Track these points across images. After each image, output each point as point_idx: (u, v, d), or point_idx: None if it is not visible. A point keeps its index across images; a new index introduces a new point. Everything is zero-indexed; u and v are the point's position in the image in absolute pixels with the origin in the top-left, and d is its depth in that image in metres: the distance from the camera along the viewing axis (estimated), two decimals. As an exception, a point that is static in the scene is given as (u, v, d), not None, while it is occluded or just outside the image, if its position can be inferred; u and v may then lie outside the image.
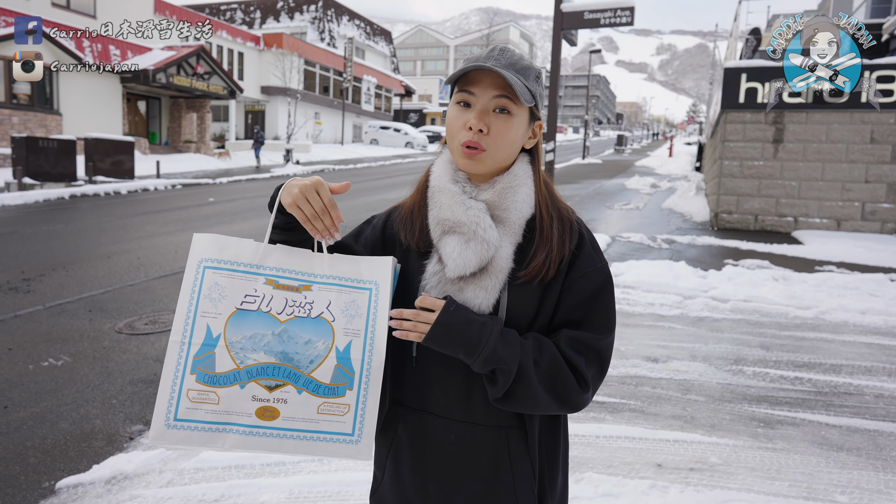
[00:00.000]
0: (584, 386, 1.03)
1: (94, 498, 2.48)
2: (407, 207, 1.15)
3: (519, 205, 1.06)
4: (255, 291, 1.02)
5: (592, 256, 1.08)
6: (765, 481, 2.63)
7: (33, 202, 11.44)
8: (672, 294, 5.69)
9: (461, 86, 1.05)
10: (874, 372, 3.98)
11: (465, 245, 1.03)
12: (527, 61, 1.07)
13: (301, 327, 1.01)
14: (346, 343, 1.01)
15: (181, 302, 1.02)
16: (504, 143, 1.04)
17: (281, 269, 1.04)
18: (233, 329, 1.00)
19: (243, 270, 1.03)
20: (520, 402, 1.01)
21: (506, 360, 0.98)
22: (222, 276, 1.02)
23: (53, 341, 4.28)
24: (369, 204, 12.26)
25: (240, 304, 1.01)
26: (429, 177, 1.14)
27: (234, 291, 1.02)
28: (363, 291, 1.04)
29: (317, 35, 36.41)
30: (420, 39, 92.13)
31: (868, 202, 9.25)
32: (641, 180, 18.12)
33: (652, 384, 3.70)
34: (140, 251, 7.30)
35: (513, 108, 1.03)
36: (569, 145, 43.82)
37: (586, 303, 1.05)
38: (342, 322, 1.02)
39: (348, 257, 1.06)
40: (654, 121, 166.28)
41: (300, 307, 1.02)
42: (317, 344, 1.01)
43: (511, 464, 1.07)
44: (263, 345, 1.00)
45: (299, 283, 1.03)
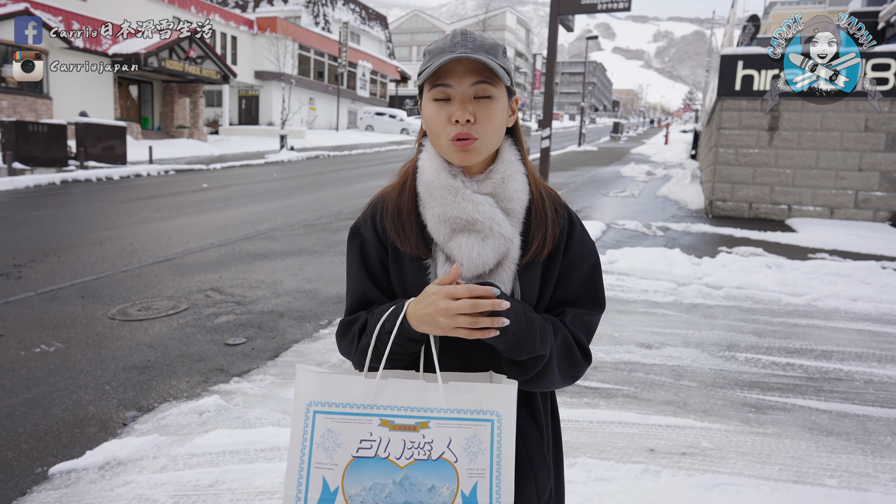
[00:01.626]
0: (587, 359, 1.09)
1: (88, 484, 2.48)
2: (392, 208, 1.08)
3: (520, 194, 1.06)
4: (371, 435, 0.93)
5: (584, 237, 1.12)
6: (755, 465, 2.66)
7: (24, 187, 11.33)
8: (666, 281, 5.71)
9: (434, 81, 1.01)
10: (864, 358, 4.01)
11: (483, 243, 1.01)
12: (491, 40, 1.03)
13: (423, 472, 0.92)
14: (471, 486, 0.92)
15: (292, 451, 0.94)
16: (493, 129, 1.03)
17: (395, 406, 0.93)
18: (351, 480, 0.92)
19: (356, 413, 0.94)
20: (541, 381, 1.03)
21: (543, 347, 0.99)
22: (334, 420, 0.94)
23: (45, 327, 4.26)
24: (364, 190, 12.22)
25: (356, 451, 0.93)
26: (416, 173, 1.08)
27: (348, 438, 0.93)
28: (485, 424, 0.93)
29: (311, 19, 36.01)
30: (416, 24, 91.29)
31: (861, 190, 9.28)
32: (637, 168, 18.12)
33: (645, 370, 3.72)
34: (133, 237, 7.25)
35: (492, 91, 1.01)
36: (565, 132, 43.69)
37: (582, 281, 1.10)
38: (465, 462, 0.92)
39: (464, 385, 0.94)
40: (651, 108, 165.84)
41: (420, 448, 0.93)
42: (441, 490, 0.92)
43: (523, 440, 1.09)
44: (385, 496, 0.92)
45: (416, 421, 0.93)
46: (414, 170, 1.10)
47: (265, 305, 4.92)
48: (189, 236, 7.42)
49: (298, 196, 11.45)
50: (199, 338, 4.18)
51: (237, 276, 5.73)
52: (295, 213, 9.38)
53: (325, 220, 8.73)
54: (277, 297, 5.16)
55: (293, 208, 9.88)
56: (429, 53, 1.03)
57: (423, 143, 1.11)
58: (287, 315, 4.69)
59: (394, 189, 1.11)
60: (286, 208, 9.85)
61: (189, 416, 3.05)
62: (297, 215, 9.16)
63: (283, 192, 11.91)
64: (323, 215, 9.18)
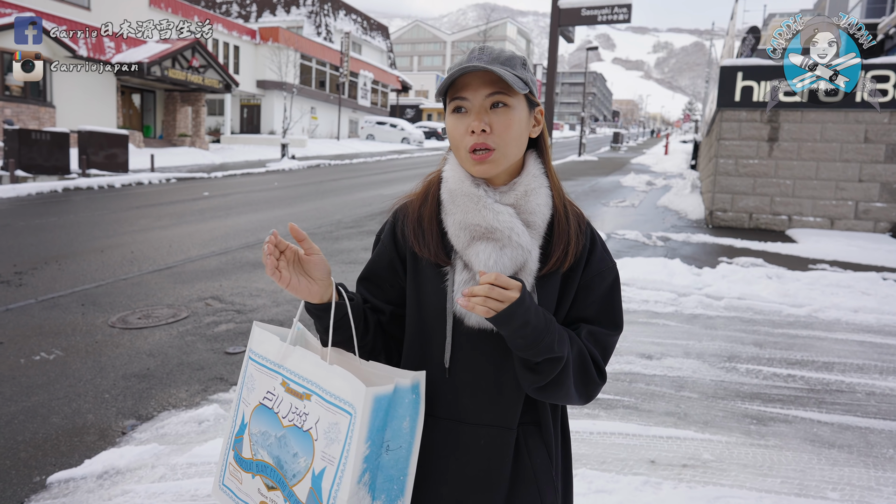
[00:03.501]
0: (602, 378, 1.07)
1: (86, 493, 2.47)
2: (414, 216, 1.10)
3: (542, 208, 1.06)
4: (274, 390, 1.04)
5: (604, 255, 1.11)
6: (757, 478, 2.64)
7: (26, 195, 11.35)
8: (666, 291, 5.71)
9: (452, 94, 1.04)
10: (866, 370, 4.00)
11: (501, 251, 1.01)
12: (508, 52, 1.05)
13: (295, 437, 0.99)
14: (321, 468, 0.95)
15: (238, 387, 1.11)
16: (511, 138, 1.03)
17: (294, 372, 1.02)
18: (255, 421, 1.05)
19: (268, 367, 1.06)
20: (556, 392, 1.02)
21: (561, 350, 0.99)
22: (255, 368, 1.08)
23: (45, 335, 4.26)
24: (365, 199, 12.24)
25: (262, 398, 1.05)
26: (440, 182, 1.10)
27: (260, 385, 1.06)
28: (345, 416, 0.94)
29: (313, 29, 36.24)
30: (417, 35, 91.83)
31: (861, 201, 9.30)
32: (637, 178, 18.15)
33: (646, 381, 3.71)
34: (134, 245, 7.26)
35: (509, 100, 1.02)
36: (565, 142, 43.82)
37: (600, 300, 1.09)
38: (323, 444, 0.96)
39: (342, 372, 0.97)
40: (650, 118, 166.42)
41: (298, 416, 0.99)
42: (300, 460, 0.97)
43: (530, 457, 1.09)
44: (267, 444, 1.02)
45: (304, 391, 1.00)
46: (438, 180, 1.12)
47: (265, 314, 4.92)
48: (190, 244, 7.43)
49: (299, 205, 11.47)
50: (199, 346, 4.18)
51: (237, 285, 5.73)
52: (296, 221, 9.32)
53: (326, 229, 8.74)
54: (278, 305, 5.16)
55: (294, 217, 9.89)
56: (448, 71, 1.05)
57: (448, 156, 1.13)
58: (287, 324, 4.69)
59: (417, 198, 1.13)
60: (287, 217, 9.87)
61: (188, 426, 3.04)
62: (298, 224, 9.15)
63: (284, 201, 11.93)
64: (324, 224, 9.19)
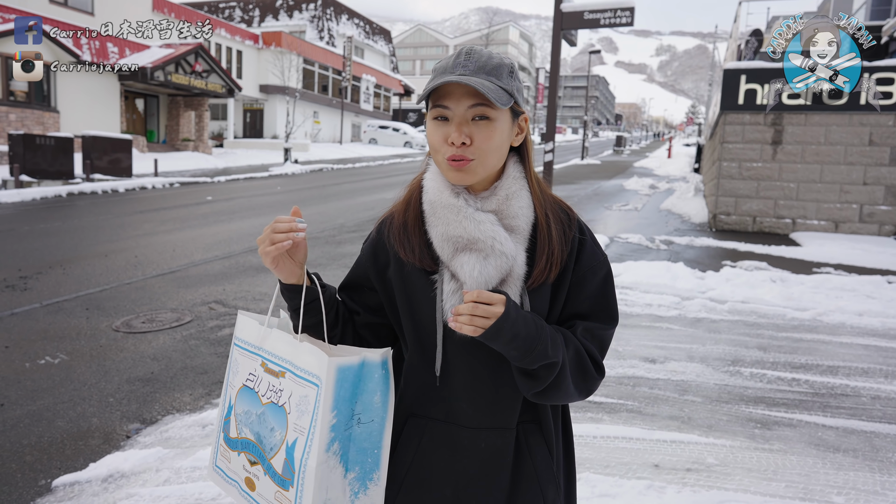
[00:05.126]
0: (600, 373, 1.08)
1: (91, 496, 2.48)
2: (398, 223, 1.09)
3: (525, 210, 1.06)
4: (255, 371, 1.11)
5: (595, 250, 1.11)
6: (761, 482, 2.63)
7: (30, 200, 11.41)
8: (670, 295, 5.70)
9: (434, 100, 1.02)
10: (871, 373, 3.99)
11: (485, 261, 1.01)
12: (496, 59, 1.02)
13: (272, 413, 1.06)
14: (293, 439, 1.02)
15: (226, 372, 1.18)
16: (490, 150, 1.01)
17: (272, 353, 1.09)
18: (239, 402, 1.12)
19: (249, 350, 1.13)
20: (555, 394, 1.02)
21: (555, 354, 0.99)
22: (239, 352, 1.15)
23: (50, 339, 4.27)
24: (367, 203, 12.26)
25: (245, 380, 1.12)
26: (421, 190, 1.09)
27: (243, 368, 1.13)
28: (313, 387, 1.01)
29: (316, 34, 36.36)
30: (419, 39, 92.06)
31: (866, 204, 9.27)
32: (640, 181, 18.14)
33: (649, 385, 3.70)
34: (137, 249, 7.29)
35: (491, 113, 1.00)
36: (568, 146, 43.83)
37: (593, 295, 1.09)
38: (295, 416, 1.02)
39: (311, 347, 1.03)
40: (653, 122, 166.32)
41: (275, 392, 1.06)
42: (276, 433, 1.04)
43: (531, 455, 1.09)
44: (249, 422, 1.09)
45: (280, 369, 1.07)
46: (420, 187, 1.11)
47: (269, 318, 4.92)
48: (193, 249, 7.45)
49: (302, 209, 11.45)
50: (203, 350, 4.19)
51: (241, 289, 5.75)
52: (299, 225, 9.39)
53: (329, 233, 8.75)
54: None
55: (297, 221, 9.89)
56: (434, 71, 1.04)
57: (429, 161, 1.11)
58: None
59: (400, 205, 1.13)
60: (290, 221, 9.87)
61: (192, 429, 3.04)
62: (301, 228, 9.18)
63: (287, 205, 11.95)
64: (326, 228, 9.20)
